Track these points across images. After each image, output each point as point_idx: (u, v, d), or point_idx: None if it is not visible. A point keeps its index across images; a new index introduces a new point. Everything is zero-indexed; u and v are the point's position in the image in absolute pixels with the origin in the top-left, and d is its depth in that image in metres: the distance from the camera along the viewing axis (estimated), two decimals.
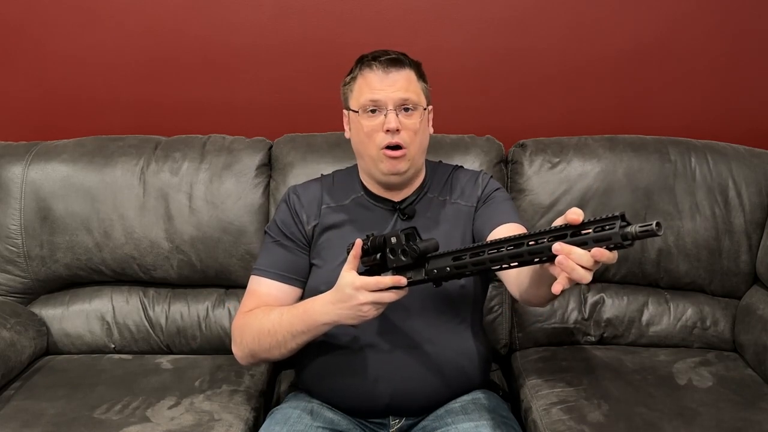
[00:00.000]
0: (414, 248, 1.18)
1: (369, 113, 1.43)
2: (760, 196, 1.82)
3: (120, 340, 1.85)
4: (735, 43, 2.04)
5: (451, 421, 1.40)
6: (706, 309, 1.86)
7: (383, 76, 1.43)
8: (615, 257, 0.96)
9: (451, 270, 1.14)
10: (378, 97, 1.41)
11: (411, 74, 1.45)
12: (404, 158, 1.43)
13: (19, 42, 2.06)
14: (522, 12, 2.03)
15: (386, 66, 1.43)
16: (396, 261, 1.22)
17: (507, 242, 1.07)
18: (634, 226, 0.92)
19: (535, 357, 1.78)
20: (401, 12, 2.02)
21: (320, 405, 1.47)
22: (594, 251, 0.94)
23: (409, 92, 1.43)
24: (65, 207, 1.81)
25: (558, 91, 2.08)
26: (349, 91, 1.49)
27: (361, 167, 1.53)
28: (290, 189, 1.59)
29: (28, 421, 1.50)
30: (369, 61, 1.45)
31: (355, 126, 1.47)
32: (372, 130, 1.43)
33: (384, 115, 1.41)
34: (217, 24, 2.03)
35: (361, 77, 1.46)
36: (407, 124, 1.42)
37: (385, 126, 1.40)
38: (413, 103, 1.43)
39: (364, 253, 1.27)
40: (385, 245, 1.24)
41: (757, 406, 1.55)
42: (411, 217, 1.50)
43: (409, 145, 1.43)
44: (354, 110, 1.46)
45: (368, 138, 1.43)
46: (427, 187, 1.54)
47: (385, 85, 1.42)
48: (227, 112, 2.09)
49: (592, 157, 1.84)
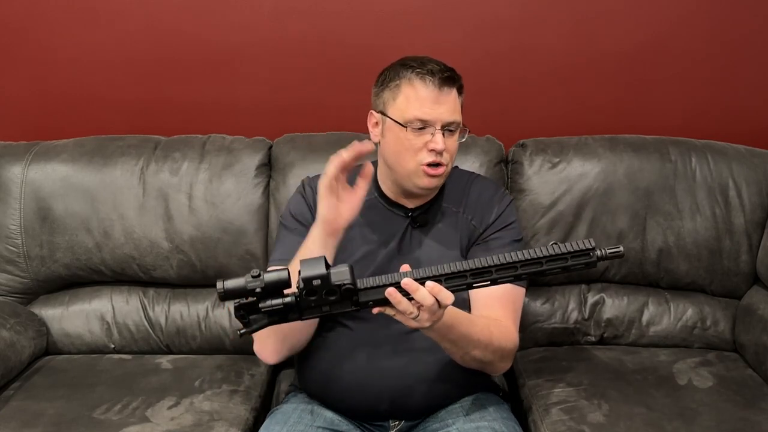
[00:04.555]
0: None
1: (414, 130, 1.39)
2: (760, 196, 1.82)
3: (120, 340, 1.85)
4: (735, 43, 2.04)
5: (451, 422, 1.40)
6: (706, 309, 1.86)
7: (437, 94, 1.38)
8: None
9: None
10: (429, 118, 1.38)
11: (456, 93, 1.42)
12: (441, 175, 1.42)
13: (19, 42, 2.05)
14: (522, 12, 2.02)
15: (441, 84, 1.38)
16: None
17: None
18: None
19: (535, 357, 1.78)
20: (401, 11, 2.02)
21: (320, 405, 1.47)
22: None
23: (456, 113, 1.41)
24: (65, 207, 1.81)
25: (558, 91, 2.08)
26: (390, 98, 1.41)
27: (387, 174, 1.49)
28: (305, 180, 1.57)
29: (28, 421, 1.51)
30: (423, 73, 1.38)
31: (395, 137, 1.41)
32: (416, 148, 1.39)
33: (431, 135, 1.38)
34: (217, 24, 2.03)
35: (410, 87, 1.39)
36: (450, 145, 1.40)
37: (431, 146, 1.38)
38: (457, 124, 1.42)
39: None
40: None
41: (757, 407, 1.55)
42: (423, 226, 1.49)
43: (448, 163, 1.42)
44: (396, 121, 1.40)
45: (409, 153, 1.40)
46: (440, 196, 1.52)
47: (437, 104, 1.37)
48: (227, 112, 2.08)
49: (592, 157, 1.84)
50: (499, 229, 1.49)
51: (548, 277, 1.79)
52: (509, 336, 1.40)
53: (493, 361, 1.38)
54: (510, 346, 1.40)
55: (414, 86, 1.39)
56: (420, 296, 1.10)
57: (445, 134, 1.39)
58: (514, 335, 1.41)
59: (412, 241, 1.48)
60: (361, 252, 1.47)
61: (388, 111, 1.42)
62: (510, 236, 1.50)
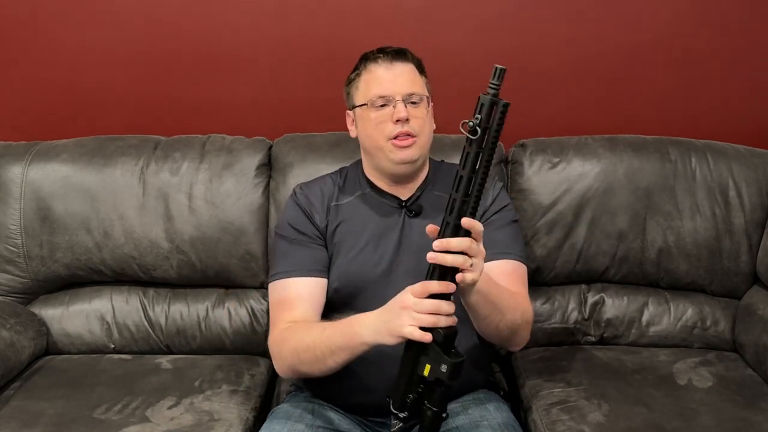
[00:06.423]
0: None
1: (377, 107, 1.44)
2: (760, 196, 1.82)
3: (120, 340, 1.85)
4: (735, 43, 2.04)
5: (451, 421, 1.40)
6: (706, 309, 1.86)
7: (389, 67, 1.45)
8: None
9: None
10: (386, 92, 1.43)
11: (413, 68, 1.48)
12: (415, 145, 1.45)
13: (19, 42, 2.06)
14: (522, 12, 2.03)
15: (391, 58, 1.46)
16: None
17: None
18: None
19: (535, 357, 1.78)
20: (401, 12, 2.02)
21: (321, 404, 1.47)
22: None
23: (416, 85, 1.46)
24: (65, 207, 1.81)
25: (558, 91, 2.08)
26: (354, 89, 1.50)
27: (369, 163, 1.54)
28: (296, 188, 1.59)
29: (28, 421, 1.51)
30: (374, 56, 1.47)
31: (363, 120, 1.47)
32: (381, 122, 1.44)
33: (393, 107, 1.43)
34: (217, 24, 2.03)
35: (366, 72, 1.47)
36: (415, 113, 1.44)
37: (395, 116, 1.42)
38: (419, 95, 1.45)
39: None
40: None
41: (757, 406, 1.55)
42: (418, 214, 1.50)
43: (419, 133, 1.45)
44: (360, 105, 1.47)
45: (377, 130, 1.44)
46: (430, 183, 1.54)
47: (392, 76, 1.44)
48: (227, 111, 2.09)
49: (592, 157, 1.84)
50: (496, 210, 1.53)
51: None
52: (527, 304, 1.45)
53: (520, 328, 1.42)
54: (530, 312, 1.45)
55: (369, 70, 1.47)
56: (457, 244, 1.12)
57: (408, 105, 1.43)
58: (530, 304, 1.46)
59: (412, 231, 1.49)
60: (363, 243, 1.48)
61: (355, 102, 1.50)
62: (508, 217, 1.54)
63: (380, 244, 1.48)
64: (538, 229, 1.82)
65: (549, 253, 1.83)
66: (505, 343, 1.47)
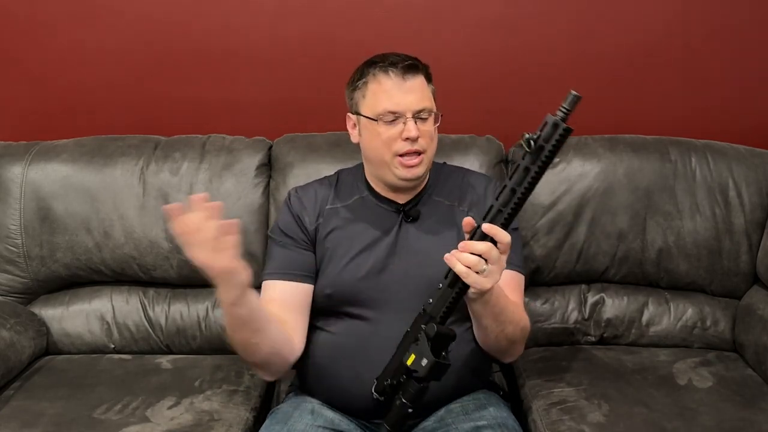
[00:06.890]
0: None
1: (386, 122, 1.41)
2: (760, 196, 1.82)
3: (120, 340, 1.85)
4: (735, 43, 2.04)
5: (451, 422, 1.40)
6: (706, 309, 1.86)
7: (400, 83, 1.41)
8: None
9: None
10: (397, 108, 1.40)
11: (423, 80, 1.45)
12: (422, 163, 1.44)
13: (19, 42, 2.05)
14: (522, 12, 2.02)
15: (403, 73, 1.41)
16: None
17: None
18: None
19: (535, 357, 1.78)
20: (401, 12, 2.02)
21: (320, 405, 1.47)
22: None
23: (425, 100, 1.43)
24: (65, 207, 1.81)
25: (558, 91, 2.04)
26: (360, 96, 1.46)
27: (371, 171, 1.52)
28: (291, 191, 1.59)
29: (28, 421, 1.50)
30: (385, 66, 1.42)
31: (369, 133, 1.45)
32: (390, 139, 1.41)
33: (403, 123, 1.40)
34: (217, 24, 2.03)
35: (375, 83, 1.43)
36: (424, 130, 1.42)
37: (405, 134, 1.40)
38: (429, 110, 1.43)
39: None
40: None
41: (757, 406, 1.55)
42: (415, 219, 1.49)
43: (426, 150, 1.44)
44: (369, 117, 1.43)
45: (384, 145, 1.42)
46: (431, 189, 1.54)
47: (403, 93, 1.41)
48: (227, 112, 2.08)
49: (592, 157, 1.84)
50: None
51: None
52: (525, 317, 1.45)
53: (517, 341, 1.42)
54: (528, 326, 1.45)
55: (379, 80, 1.42)
56: (478, 248, 1.17)
57: (418, 122, 1.41)
58: (527, 317, 1.46)
59: (408, 236, 1.48)
60: (358, 248, 1.47)
61: (360, 110, 1.46)
62: None
63: (375, 250, 1.47)
64: (538, 229, 1.82)
65: (549, 253, 1.83)
66: (501, 354, 1.47)
